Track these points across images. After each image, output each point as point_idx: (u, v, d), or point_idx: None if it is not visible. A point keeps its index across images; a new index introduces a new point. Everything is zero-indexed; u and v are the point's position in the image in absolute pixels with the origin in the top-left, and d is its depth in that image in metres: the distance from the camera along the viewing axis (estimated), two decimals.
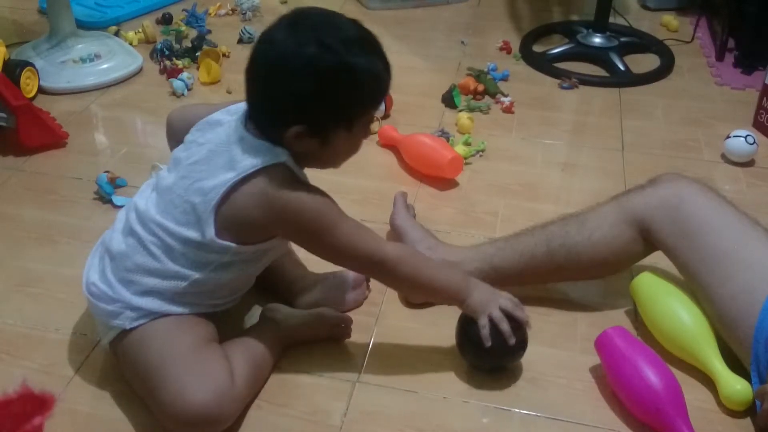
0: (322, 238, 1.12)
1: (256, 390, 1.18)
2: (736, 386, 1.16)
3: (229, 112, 1.17)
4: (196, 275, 1.13)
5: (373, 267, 1.15)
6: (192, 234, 1.11)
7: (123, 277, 1.15)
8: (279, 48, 1.05)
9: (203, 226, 1.10)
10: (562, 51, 2.34)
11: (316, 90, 1.04)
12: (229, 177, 1.08)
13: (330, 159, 1.16)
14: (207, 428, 1.08)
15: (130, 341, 1.14)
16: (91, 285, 1.18)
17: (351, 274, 1.34)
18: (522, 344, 1.21)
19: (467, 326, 1.20)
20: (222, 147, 1.12)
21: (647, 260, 1.34)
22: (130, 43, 2.33)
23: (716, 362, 1.19)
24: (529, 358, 1.27)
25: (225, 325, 1.28)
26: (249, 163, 1.08)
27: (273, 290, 1.35)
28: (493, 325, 1.17)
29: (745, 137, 1.80)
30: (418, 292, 1.30)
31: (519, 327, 1.19)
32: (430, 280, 1.19)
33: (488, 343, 1.17)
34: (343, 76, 1.04)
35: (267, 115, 1.10)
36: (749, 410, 1.16)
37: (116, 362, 1.19)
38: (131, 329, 1.13)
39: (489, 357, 1.20)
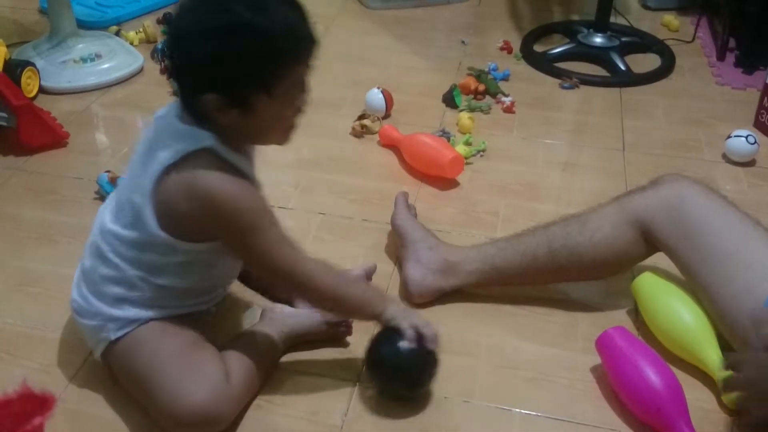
0: (245, 237, 1.07)
1: (254, 389, 1.17)
2: None
3: (171, 105, 1.12)
4: (157, 281, 1.12)
5: (292, 280, 1.12)
6: (137, 235, 1.09)
7: (94, 290, 1.15)
8: (182, 14, 1.03)
9: (145, 224, 1.08)
10: (562, 51, 2.34)
11: (218, 53, 0.99)
12: (155, 169, 1.06)
13: (261, 131, 1.09)
14: (206, 428, 1.09)
15: (119, 351, 1.14)
16: (73, 301, 1.19)
17: (352, 275, 1.34)
18: (434, 358, 1.17)
19: (380, 345, 1.16)
20: (156, 140, 1.09)
21: (648, 260, 1.34)
22: (131, 43, 2.33)
23: (717, 362, 1.19)
24: (530, 358, 1.27)
25: (224, 325, 1.29)
26: (172, 150, 1.05)
27: (273, 290, 1.35)
28: (412, 337, 1.13)
29: (746, 137, 1.80)
30: (336, 308, 1.21)
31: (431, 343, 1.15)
32: (347, 296, 1.15)
33: (413, 345, 1.13)
34: (245, 36, 0.98)
35: (183, 87, 1.06)
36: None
37: (111, 374, 1.18)
38: (119, 339, 1.13)
39: (403, 374, 1.16)
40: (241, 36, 0.98)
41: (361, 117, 1.91)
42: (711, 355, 1.20)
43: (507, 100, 2.04)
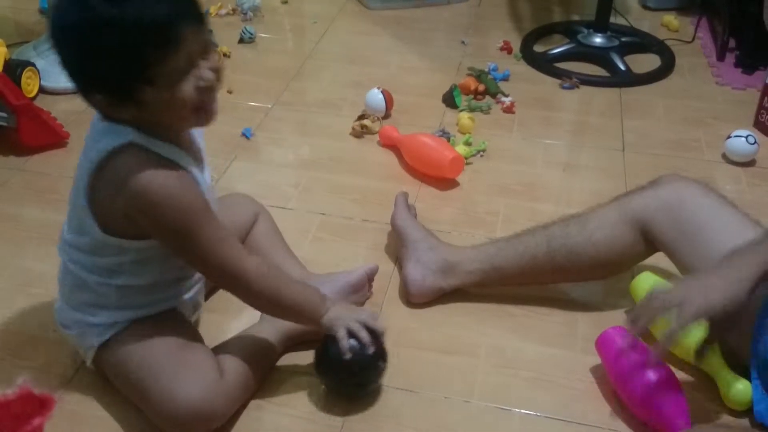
0: (181, 238, 1.04)
1: (251, 388, 1.17)
2: (737, 386, 1.16)
3: None
4: (116, 282, 1.11)
5: (231, 279, 1.09)
6: (87, 240, 1.09)
7: (68, 300, 1.16)
8: (52, 12, 0.99)
9: (87, 227, 1.07)
10: (562, 51, 2.34)
11: (81, 52, 0.95)
12: (85, 172, 1.04)
13: (168, 119, 1.01)
14: (202, 425, 1.09)
15: (109, 356, 1.14)
16: (56, 313, 1.20)
17: (352, 276, 1.34)
18: (381, 356, 1.16)
19: (329, 346, 1.14)
20: (87, 143, 1.07)
21: (648, 260, 1.34)
22: None
23: (717, 362, 1.19)
24: (530, 358, 1.27)
25: (222, 325, 1.29)
26: (95, 150, 1.02)
27: None
28: (352, 337, 1.12)
29: (746, 137, 1.80)
30: (275, 311, 1.18)
31: (376, 338, 1.14)
32: (288, 298, 1.13)
33: (348, 355, 1.11)
34: (100, 31, 0.92)
35: (76, 89, 1.01)
36: (750, 410, 1.15)
37: (104, 381, 1.19)
38: (106, 345, 1.13)
39: (350, 373, 1.15)
40: (96, 31, 0.92)
41: (361, 117, 1.91)
42: (710, 355, 1.20)
43: (507, 100, 2.04)
